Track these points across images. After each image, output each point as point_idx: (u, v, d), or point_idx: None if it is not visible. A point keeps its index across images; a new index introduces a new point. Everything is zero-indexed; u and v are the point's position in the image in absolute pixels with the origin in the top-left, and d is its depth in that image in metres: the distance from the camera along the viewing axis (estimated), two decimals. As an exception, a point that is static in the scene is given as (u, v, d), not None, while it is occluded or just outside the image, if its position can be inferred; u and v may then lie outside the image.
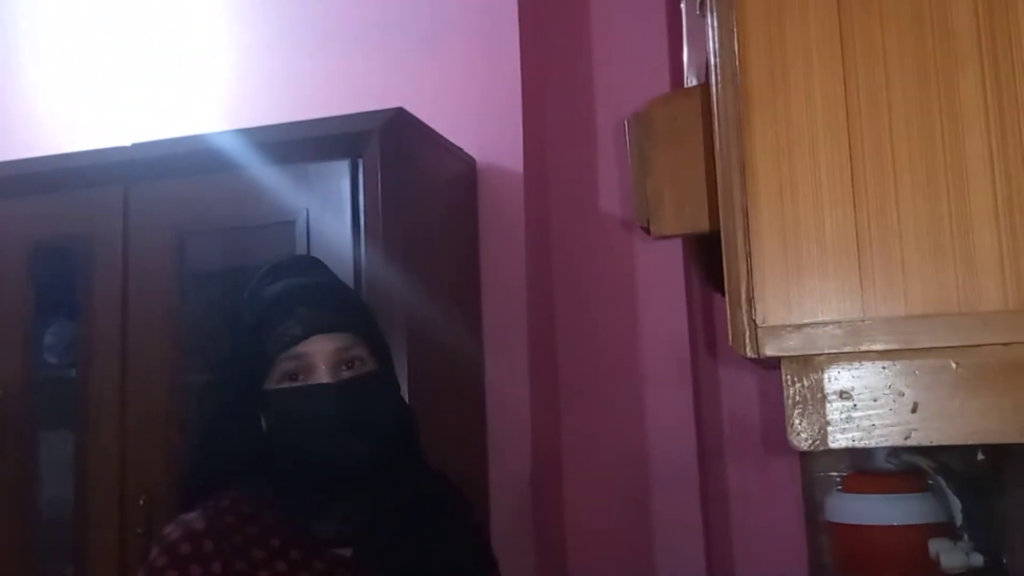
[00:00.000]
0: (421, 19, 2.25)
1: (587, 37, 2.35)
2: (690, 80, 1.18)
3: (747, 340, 0.70)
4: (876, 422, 0.68)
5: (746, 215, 0.70)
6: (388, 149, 1.74)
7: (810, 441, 0.68)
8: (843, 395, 0.68)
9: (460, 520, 1.24)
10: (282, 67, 2.34)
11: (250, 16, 2.42)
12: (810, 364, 0.69)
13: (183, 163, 1.85)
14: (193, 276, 1.90)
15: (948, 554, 1.54)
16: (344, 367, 1.07)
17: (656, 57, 2.27)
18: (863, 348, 0.67)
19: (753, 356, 0.68)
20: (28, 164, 2.01)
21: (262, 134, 1.83)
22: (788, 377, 0.69)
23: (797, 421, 0.69)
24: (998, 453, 1.55)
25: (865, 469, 1.86)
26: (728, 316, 0.70)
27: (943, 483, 1.69)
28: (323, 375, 1.06)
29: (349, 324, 1.09)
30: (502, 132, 2.13)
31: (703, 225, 1.04)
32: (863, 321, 0.67)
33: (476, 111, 2.15)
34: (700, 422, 2.18)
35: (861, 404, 0.68)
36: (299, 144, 1.78)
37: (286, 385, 1.06)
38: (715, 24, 0.75)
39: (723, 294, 1.96)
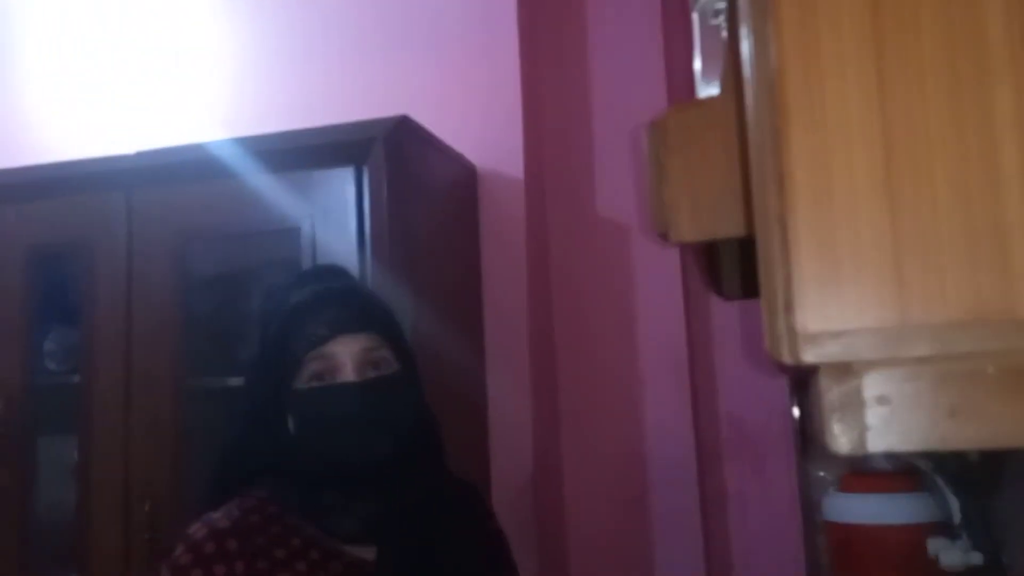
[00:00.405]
0: (421, 26, 2.26)
1: (585, 45, 2.37)
2: (702, 88, 1.20)
3: (785, 347, 0.71)
4: (914, 427, 0.69)
5: (783, 224, 0.71)
6: (392, 156, 1.75)
7: (849, 446, 0.69)
8: (881, 400, 0.69)
9: (481, 525, 1.26)
10: (283, 74, 2.35)
11: (251, 24, 2.42)
12: (849, 370, 0.70)
13: (187, 170, 1.85)
14: (197, 282, 1.90)
15: (947, 553, 1.56)
16: (370, 367, 1.09)
17: (653, 64, 2.30)
18: (902, 354, 0.69)
19: (791, 363, 0.70)
20: (31, 171, 2.00)
21: (266, 141, 1.84)
22: (826, 383, 0.70)
23: (836, 427, 0.70)
24: (995, 452, 1.58)
25: (862, 468, 1.88)
26: (766, 323, 0.72)
27: (940, 482, 1.71)
28: (349, 374, 1.08)
29: (374, 325, 1.11)
30: (502, 138, 2.15)
31: (722, 231, 1.05)
32: (901, 328, 0.68)
33: (476, 117, 2.17)
34: (698, 424, 2.21)
35: (899, 409, 0.69)
36: (304, 151, 1.79)
37: (314, 384, 1.08)
38: (749, 36, 0.76)
39: (726, 298, 1.97)
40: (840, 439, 0.72)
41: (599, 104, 2.34)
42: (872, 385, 0.70)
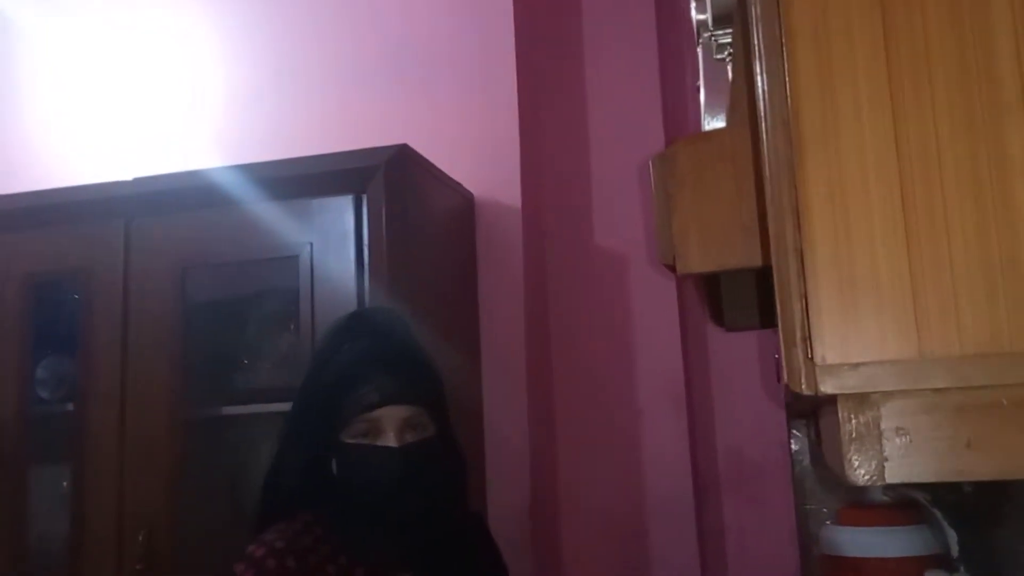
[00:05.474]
0: (421, 57, 2.28)
1: (582, 75, 2.39)
2: (708, 121, 1.21)
3: (803, 378, 0.72)
4: (932, 458, 0.70)
5: (800, 256, 0.72)
6: (392, 185, 1.75)
7: (868, 476, 0.70)
8: (900, 432, 0.70)
9: (495, 554, 1.37)
10: (283, 103, 2.35)
11: (251, 52, 2.43)
12: (867, 401, 0.71)
13: (186, 198, 1.85)
14: (195, 309, 1.89)
15: (945, 586, 1.56)
16: (409, 431, 1.20)
17: (650, 95, 2.32)
18: (919, 386, 0.69)
19: (810, 393, 0.70)
20: (29, 198, 1.98)
21: (266, 169, 1.84)
22: (845, 414, 0.71)
23: (854, 457, 0.71)
24: (994, 486, 1.58)
25: (859, 502, 1.88)
26: (783, 355, 0.72)
27: (938, 515, 1.71)
28: (391, 439, 1.19)
29: (417, 396, 1.22)
30: (500, 167, 2.16)
31: (731, 263, 1.06)
32: (919, 360, 0.69)
33: (474, 147, 2.18)
34: (695, 456, 2.20)
35: (917, 440, 0.70)
36: (304, 179, 1.79)
37: (360, 441, 1.20)
38: (764, 72, 0.77)
39: (727, 329, 1.97)
40: (859, 470, 0.72)
41: (597, 134, 2.35)
42: (890, 416, 0.71)
